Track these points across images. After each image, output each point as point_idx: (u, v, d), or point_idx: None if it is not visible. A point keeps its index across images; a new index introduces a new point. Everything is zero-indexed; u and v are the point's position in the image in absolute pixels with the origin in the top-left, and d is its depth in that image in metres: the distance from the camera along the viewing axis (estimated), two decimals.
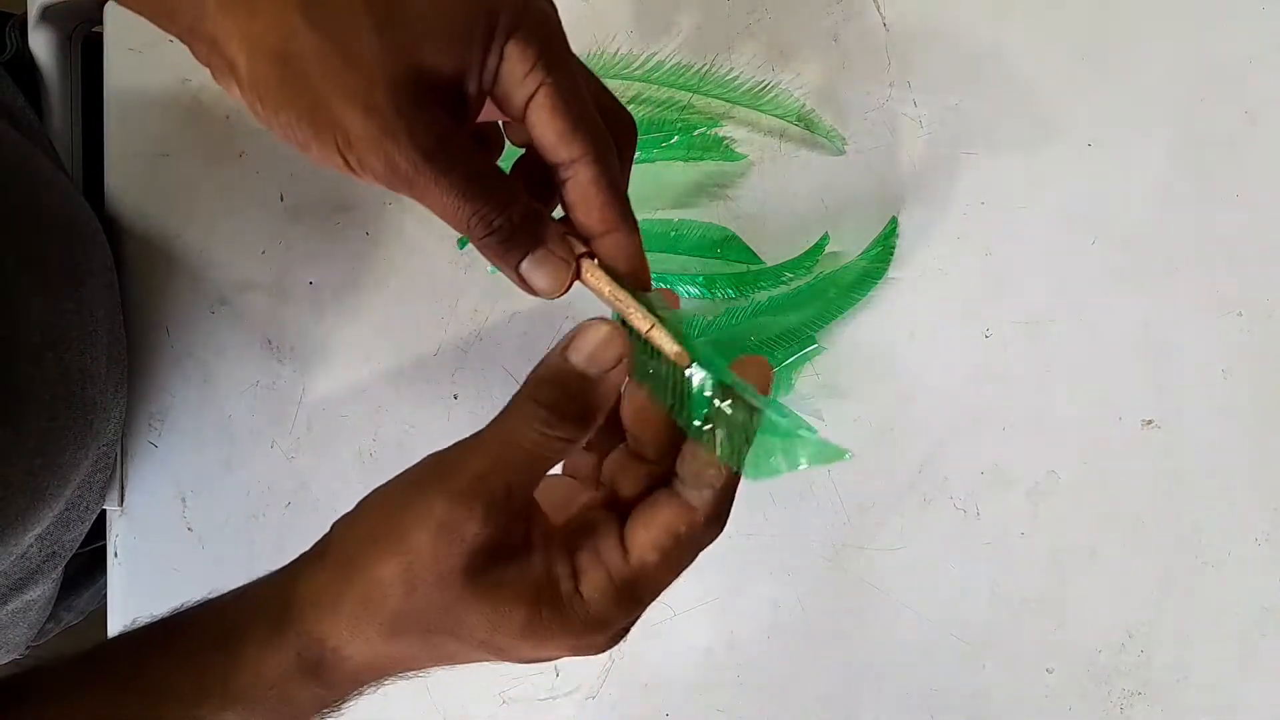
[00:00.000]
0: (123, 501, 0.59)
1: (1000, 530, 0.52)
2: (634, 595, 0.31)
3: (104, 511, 0.59)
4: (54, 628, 0.65)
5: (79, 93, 0.60)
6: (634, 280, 0.34)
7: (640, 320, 0.33)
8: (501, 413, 0.32)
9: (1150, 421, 0.51)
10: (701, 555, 0.33)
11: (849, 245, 0.52)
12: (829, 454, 0.30)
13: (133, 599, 0.59)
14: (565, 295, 0.34)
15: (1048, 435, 0.52)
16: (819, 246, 0.52)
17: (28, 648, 0.62)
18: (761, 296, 0.52)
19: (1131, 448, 0.51)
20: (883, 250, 0.51)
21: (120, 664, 0.33)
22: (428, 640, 0.31)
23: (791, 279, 0.52)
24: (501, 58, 0.31)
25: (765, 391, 0.31)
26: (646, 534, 0.31)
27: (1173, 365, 0.51)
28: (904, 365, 0.52)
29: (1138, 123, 0.51)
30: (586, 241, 0.34)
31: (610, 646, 0.32)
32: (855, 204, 0.53)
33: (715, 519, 0.31)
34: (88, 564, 0.63)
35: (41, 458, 0.48)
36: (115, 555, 0.59)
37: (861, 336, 0.52)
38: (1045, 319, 0.52)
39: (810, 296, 0.52)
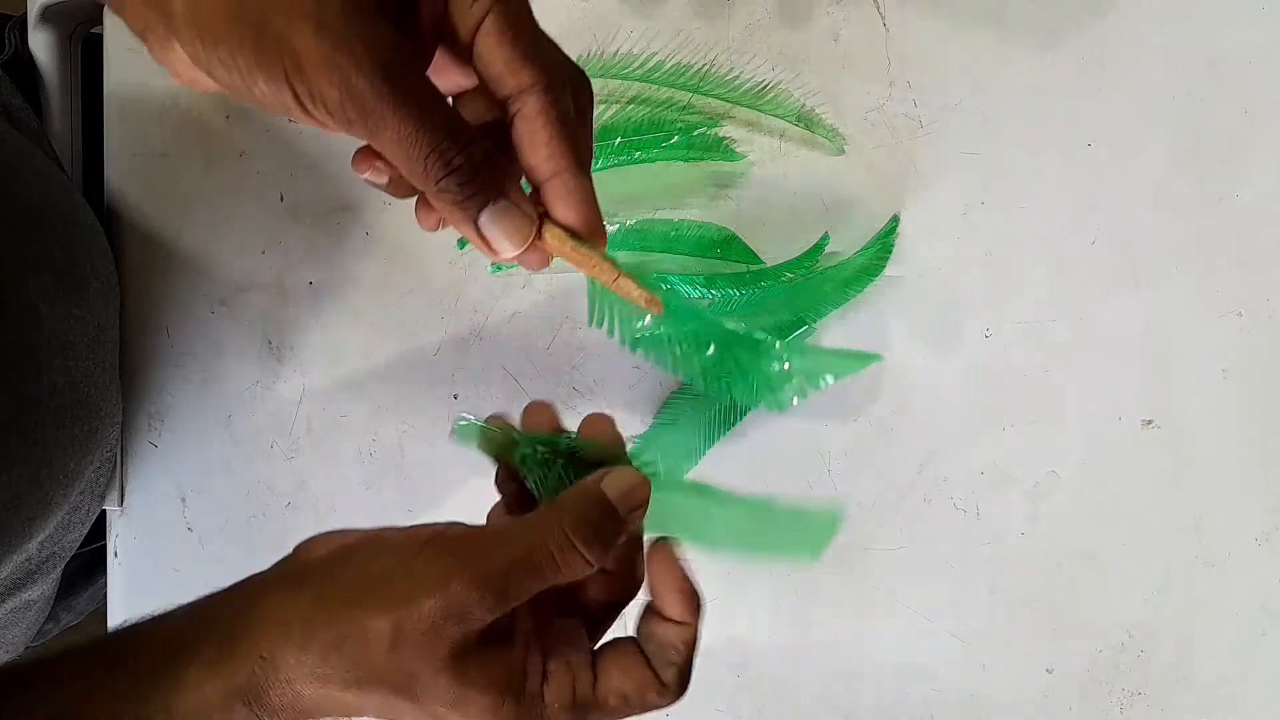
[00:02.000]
0: (123, 501, 0.59)
1: (1000, 530, 0.52)
2: (586, 718, 0.32)
3: (104, 511, 0.59)
4: (53, 628, 0.65)
5: (79, 93, 0.60)
6: (588, 232, 0.33)
7: (604, 273, 0.32)
8: (538, 514, 0.32)
9: (1150, 421, 0.51)
10: (701, 554, 0.36)
11: (849, 245, 0.52)
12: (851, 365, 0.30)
13: (133, 599, 0.59)
14: (565, 294, 0.33)
15: (1048, 435, 0.52)
16: (819, 246, 0.52)
17: (26, 648, 0.62)
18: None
19: (1131, 448, 0.51)
20: (881, 248, 0.51)
21: (69, 682, 0.31)
22: (386, 700, 0.30)
23: (791, 279, 0.52)
24: None
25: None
26: (619, 681, 0.33)
27: (1173, 365, 0.51)
28: (904, 365, 0.52)
29: (1138, 123, 0.51)
30: (537, 191, 0.32)
31: None
32: (855, 204, 0.53)
33: (677, 690, 0.34)
34: (87, 564, 0.63)
35: (48, 466, 0.47)
36: (115, 555, 0.59)
37: (861, 336, 0.52)
38: (1045, 319, 0.52)
39: (806, 291, 0.52)
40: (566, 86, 0.32)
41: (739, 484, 0.43)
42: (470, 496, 0.56)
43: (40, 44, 0.58)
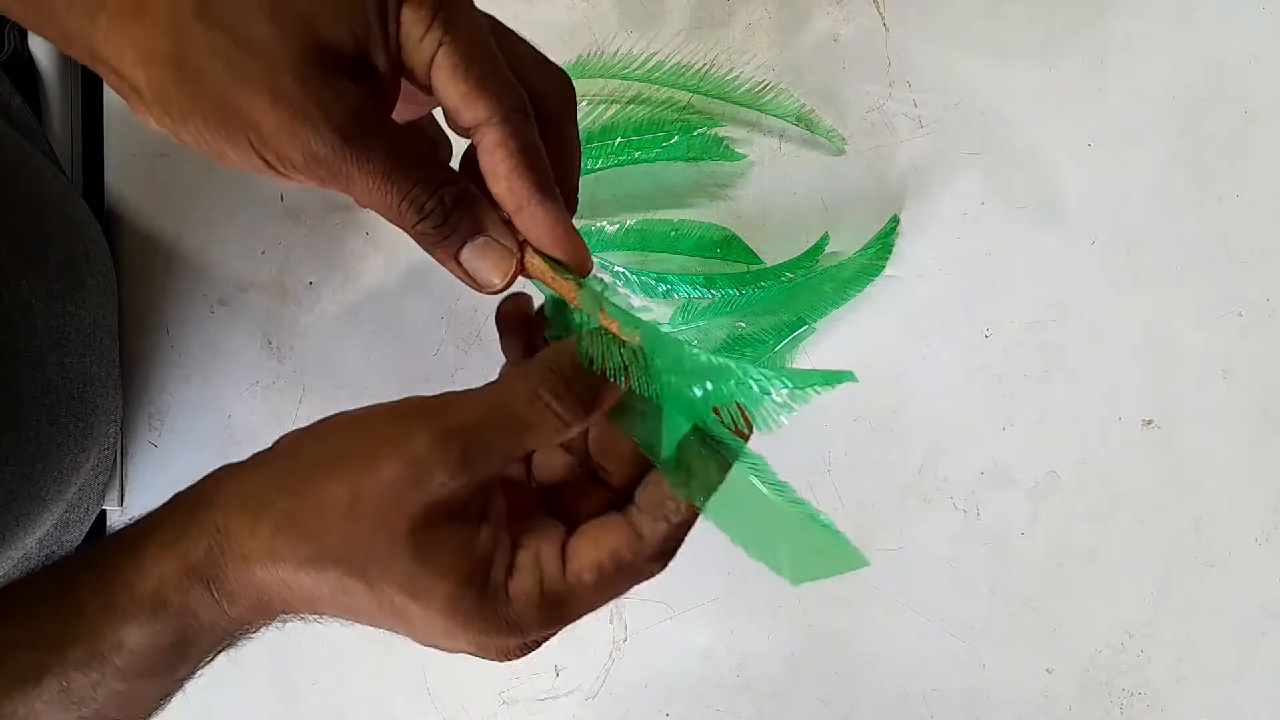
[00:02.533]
0: (123, 501, 0.59)
1: (1000, 530, 0.52)
2: (558, 610, 0.30)
3: (104, 511, 0.59)
4: None
5: (79, 93, 0.60)
6: (570, 261, 0.32)
7: (583, 303, 0.31)
8: (506, 374, 0.31)
9: (1150, 421, 0.51)
10: (702, 555, 0.32)
11: (849, 245, 0.52)
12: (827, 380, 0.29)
13: None
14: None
15: (1048, 435, 0.52)
16: (819, 246, 0.52)
17: None
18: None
19: (1131, 448, 0.51)
20: (881, 247, 0.52)
21: (46, 585, 0.31)
22: (341, 582, 0.28)
23: (791, 279, 0.52)
24: (399, 22, 0.30)
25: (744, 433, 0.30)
26: (590, 552, 0.30)
27: (1173, 365, 0.51)
28: (904, 365, 0.52)
29: (1138, 123, 0.51)
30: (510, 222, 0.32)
31: (517, 657, 0.30)
32: (855, 204, 0.53)
33: (662, 554, 0.31)
34: None
35: (42, 462, 0.47)
36: None
37: (861, 336, 0.53)
38: (1045, 319, 0.52)
39: (806, 291, 0.52)
40: (528, 114, 0.31)
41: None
42: None
43: (40, 44, 0.58)
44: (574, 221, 0.52)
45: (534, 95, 0.32)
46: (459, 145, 0.35)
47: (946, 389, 0.52)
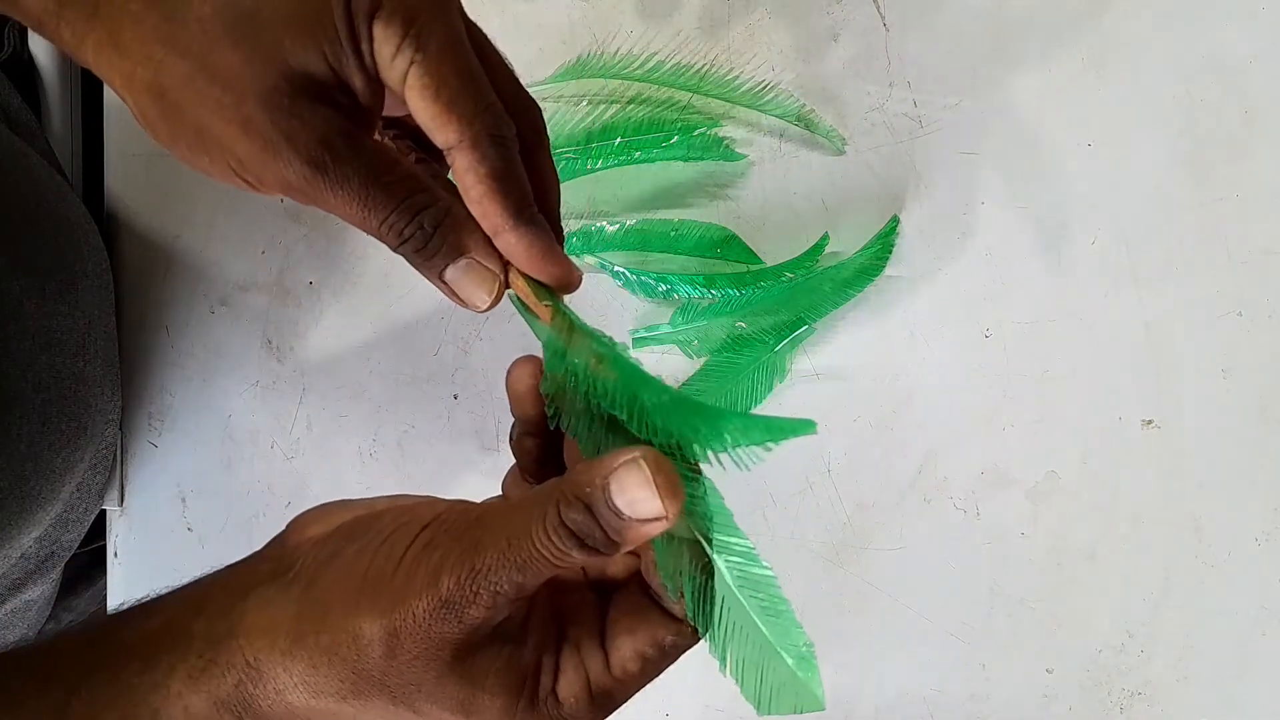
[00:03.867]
0: (123, 501, 0.59)
1: (1000, 530, 0.52)
2: (607, 702, 0.30)
3: (104, 511, 0.59)
4: (54, 628, 0.65)
5: (79, 93, 0.60)
6: (552, 283, 0.32)
7: (560, 329, 0.31)
8: (523, 503, 0.28)
9: (1150, 421, 0.51)
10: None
11: (849, 245, 0.52)
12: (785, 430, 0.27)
13: (132, 599, 0.59)
14: (566, 298, 0.33)
15: (1048, 435, 0.52)
16: (819, 246, 0.52)
17: None
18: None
19: (1131, 448, 0.51)
20: (881, 248, 0.51)
21: (53, 682, 0.29)
22: (388, 708, 0.28)
23: (791, 279, 0.52)
24: (372, 41, 0.29)
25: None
26: (630, 643, 0.29)
27: (1173, 365, 0.51)
28: (904, 365, 0.52)
29: (1138, 123, 0.51)
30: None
31: None
32: (855, 204, 0.53)
33: (698, 629, 0.30)
34: (87, 564, 0.63)
35: (33, 462, 0.47)
36: (115, 555, 0.59)
37: (861, 336, 0.52)
38: (1045, 319, 0.52)
39: (806, 291, 0.52)
40: (498, 137, 0.31)
41: (738, 484, 0.43)
42: (470, 496, 0.55)
43: (40, 44, 0.58)
44: (573, 222, 0.53)
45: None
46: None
47: (946, 389, 0.52)
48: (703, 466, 0.28)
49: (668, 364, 0.54)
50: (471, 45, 0.32)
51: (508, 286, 0.32)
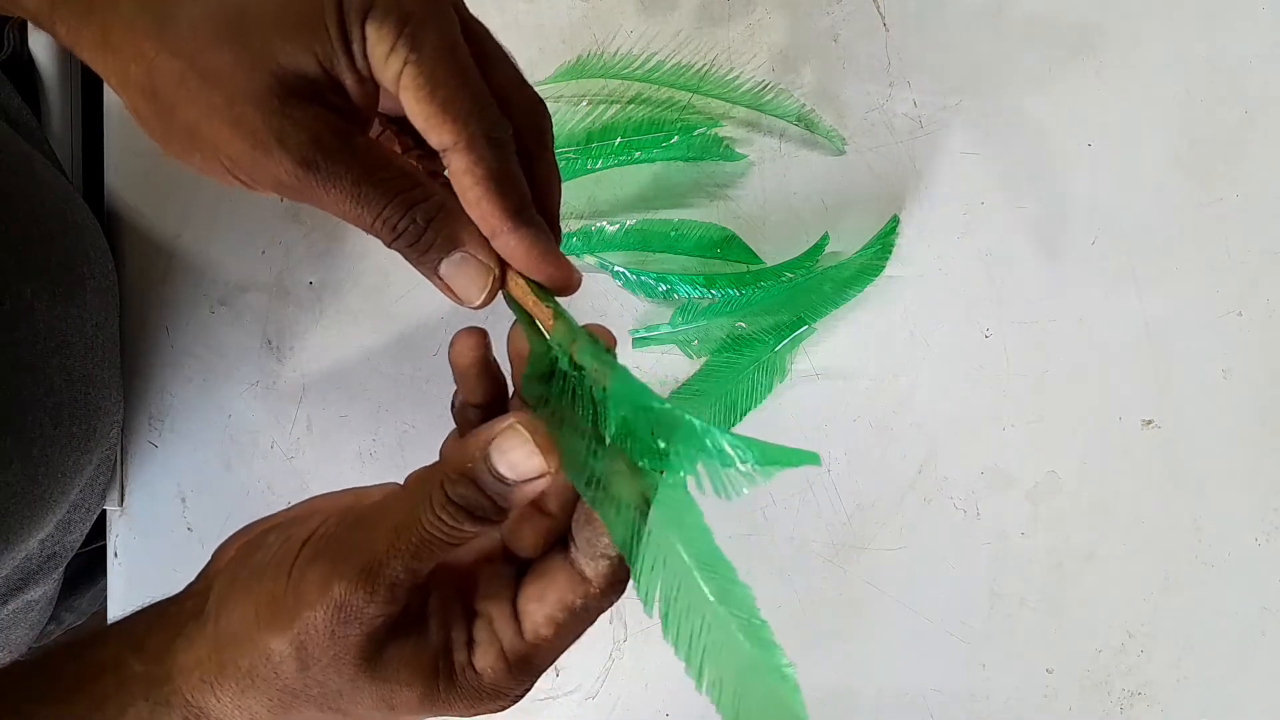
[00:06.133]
0: (123, 501, 0.59)
1: (1000, 530, 0.52)
2: (527, 668, 0.30)
3: (104, 511, 0.59)
4: (55, 629, 0.65)
5: (79, 93, 0.60)
6: (551, 285, 0.31)
7: (559, 333, 0.30)
8: (406, 490, 0.30)
9: (1150, 421, 0.51)
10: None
11: (849, 245, 0.52)
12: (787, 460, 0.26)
13: (133, 599, 0.59)
14: (566, 299, 0.33)
15: (1048, 435, 0.52)
16: (819, 246, 0.52)
17: (29, 649, 0.62)
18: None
19: (1131, 448, 0.51)
20: (881, 248, 0.51)
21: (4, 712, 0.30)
22: (318, 714, 0.29)
23: (791, 279, 0.52)
24: (364, 41, 0.29)
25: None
26: (540, 608, 0.30)
27: (1173, 365, 0.51)
28: (904, 365, 0.52)
29: (1138, 123, 0.51)
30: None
31: (506, 708, 0.31)
32: (855, 204, 0.53)
33: (612, 588, 0.30)
34: (88, 564, 0.63)
35: (45, 465, 0.47)
36: (115, 555, 0.59)
37: (862, 336, 0.53)
38: (1045, 319, 0.52)
39: (806, 291, 0.52)
40: (494, 139, 0.31)
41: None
42: None
43: (40, 44, 0.58)
44: (574, 222, 0.53)
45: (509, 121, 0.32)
46: None
47: (946, 389, 0.52)
48: (694, 489, 0.27)
49: (668, 364, 0.54)
50: (472, 41, 0.31)
51: (503, 285, 0.32)
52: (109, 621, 0.60)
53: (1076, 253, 0.51)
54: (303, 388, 0.57)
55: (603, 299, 0.54)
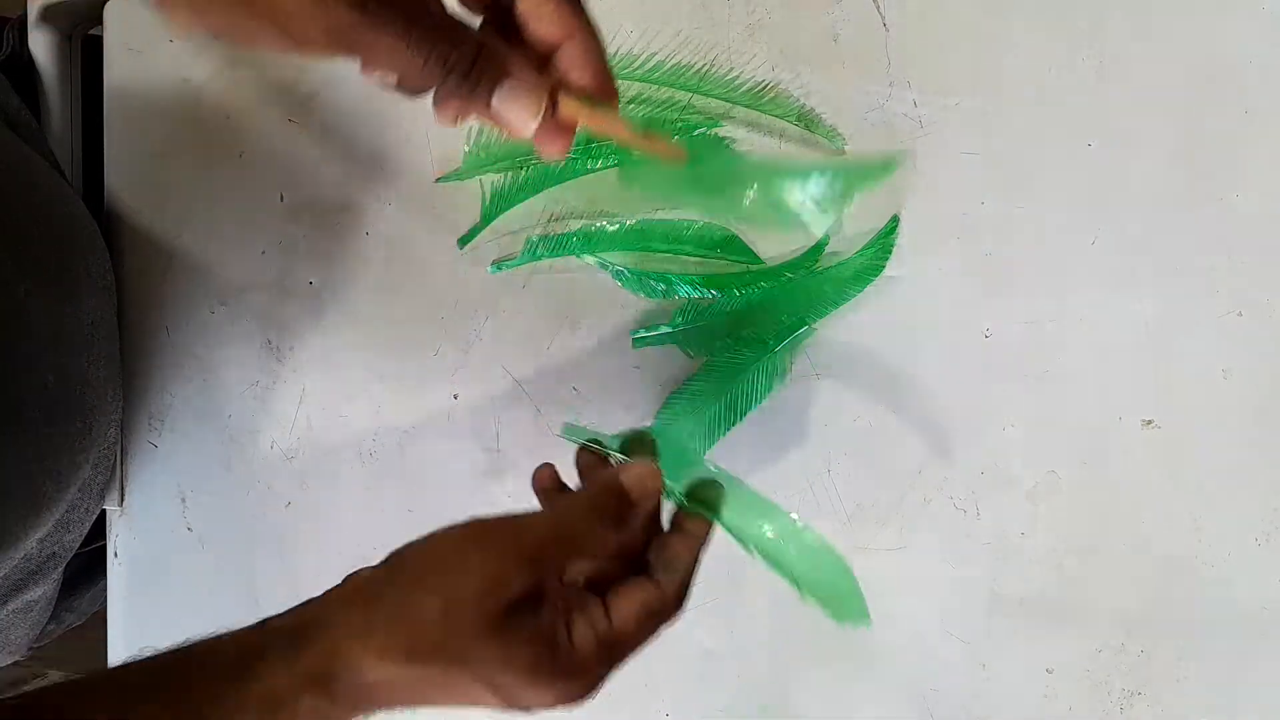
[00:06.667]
0: (123, 501, 0.59)
1: (1000, 530, 0.52)
2: (612, 650, 0.36)
3: (104, 511, 0.59)
4: (55, 628, 0.65)
5: (79, 93, 0.60)
6: (603, 93, 0.34)
7: (624, 132, 0.33)
8: (566, 500, 0.39)
9: (1150, 421, 0.51)
10: (703, 555, 0.40)
11: (849, 245, 0.52)
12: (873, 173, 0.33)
13: (133, 599, 0.59)
14: (565, 294, 0.34)
15: (1048, 435, 0.52)
16: (819, 246, 0.52)
17: (29, 649, 0.62)
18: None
19: (1131, 448, 0.51)
20: (881, 248, 0.51)
21: (132, 686, 0.33)
22: (444, 670, 0.33)
23: (791, 279, 0.52)
24: None
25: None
26: (627, 605, 0.37)
27: (1173, 365, 0.51)
28: (904, 365, 0.52)
29: (1138, 123, 0.51)
30: (546, 66, 0.34)
31: (587, 695, 0.36)
32: (855, 204, 0.52)
33: (677, 598, 0.38)
34: (88, 564, 0.63)
35: (40, 463, 0.47)
36: (115, 555, 0.59)
37: (862, 336, 0.52)
38: (1045, 319, 0.52)
39: (806, 291, 0.52)
40: None
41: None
42: (470, 496, 0.56)
43: (40, 44, 0.58)
44: (573, 222, 0.53)
45: None
46: None
47: (946, 389, 0.52)
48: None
49: (668, 365, 0.54)
50: None
51: (556, 109, 0.34)
52: (109, 622, 0.60)
53: (1076, 253, 0.51)
54: (303, 388, 0.57)
55: (603, 299, 0.54)
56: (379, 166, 0.55)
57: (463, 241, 0.55)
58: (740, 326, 0.52)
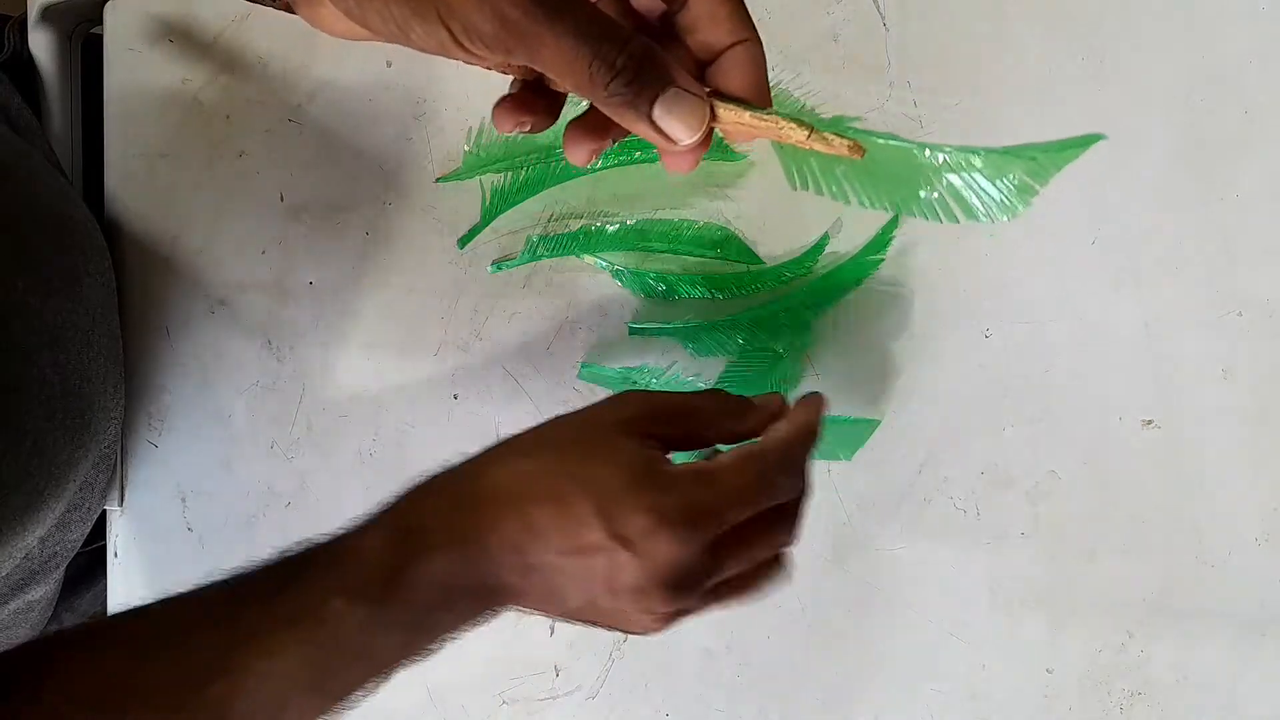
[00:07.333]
0: (123, 501, 0.59)
1: (1000, 530, 0.52)
2: (706, 481, 0.36)
3: (104, 511, 0.59)
4: (56, 629, 0.65)
5: (79, 93, 0.60)
6: (762, 98, 0.34)
7: (797, 131, 0.33)
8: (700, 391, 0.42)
9: (1150, 421, 0.51)
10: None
11: (849, 245, 0.52)
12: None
13: (133, 599, 0.59)
14: (565, 294, 0.34)
15: (1048, 435, 0.52)
16: (819, 246, 0.52)
17: None
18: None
19: (1131, 448, 0.51)
20: (880, 247, 0.51)
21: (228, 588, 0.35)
22: (559, 473, 0.35)
23: (791, 278, 0.52)
24: None
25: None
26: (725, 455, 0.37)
27: (1173, 365, 0.51)
28: (904, 365, 0.52)
29: (1138, 123, 0.51)
30: (703, 74, 0.34)
31: (674, 531, 0.34)
32: (855, 204, 0.52)
33: (784, 465, 0.37)
34: (88, 564, 0.63)
35: (38, 457, 0.48)
36: (115, 555, 0.59)
37: (862, 336, 0.52)
38: (1045, 319, 0.52)
39: (806, 290, 0.52)
40: None
41: None
42: None
43: (40, 44, 0.58)
44: (573, 222, 0.54)
45: None
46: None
47: (946, 389, 0.52)
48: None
49: (669, 365, 0.54)
50: None
51: (713, 117, 0.33)
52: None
53: (1076, 253, 0.51)
54: (303, 388, 0.57)
55: (603, 298, 0.54)
56: (379, 166, 0.55)
57: (463, 241, 0.55)
58: (739, 325, 0.52)
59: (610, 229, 0.53)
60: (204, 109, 0.57)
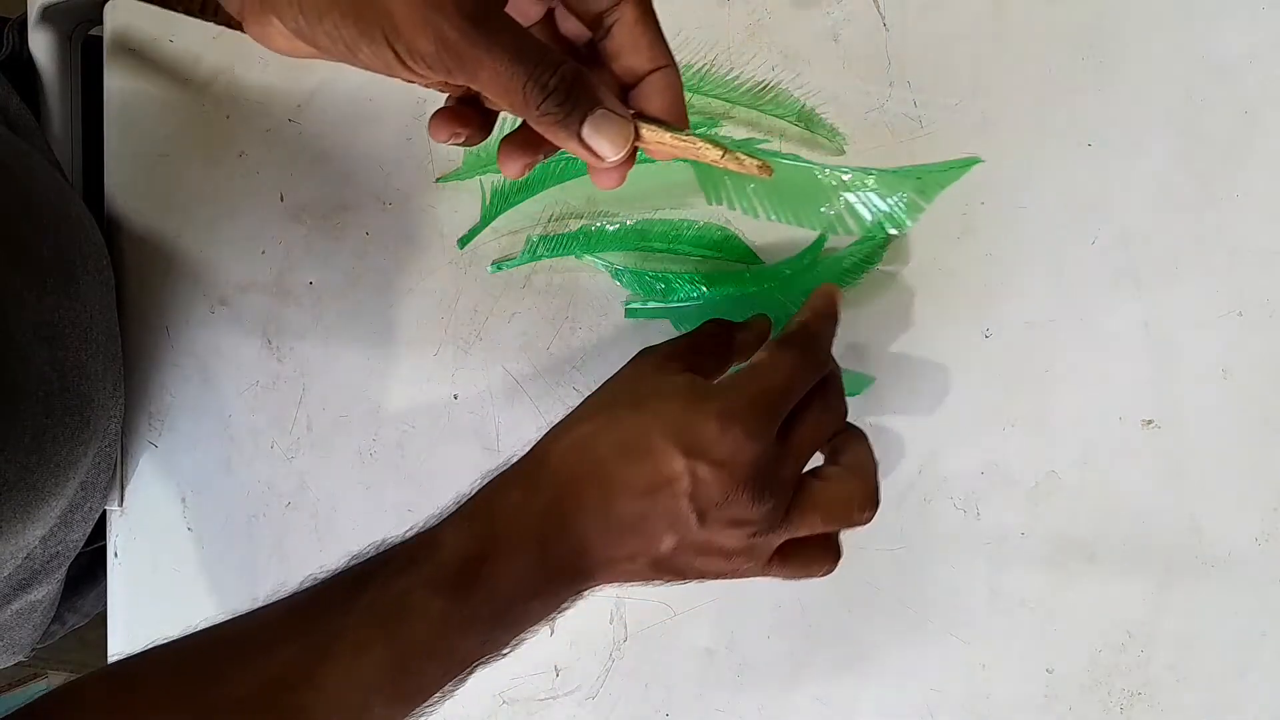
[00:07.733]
0: (123, 501, 0.59)
1: (1000, 530, 0.52)
2: (755, 377, 0.38)
3: (105, 512, 0.59)
4: (58, 629, 0.65)
5: (79, 93, 0.60)
6: (680, 120, 0.36)
7: (712, 152, 0.35)
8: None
9: (1150, 421, 0.51)
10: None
11: (848, 245, 0.52)
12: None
13: (133, 599, 0.59)
14: (565, 294, 0.34)
15: (1048, 435, 0.52)
16: (818, 244, 0.52)
17: (33, 650, 0.62)
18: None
19: (1131, 448, 0.51)
20: (879, 244, 0.51)
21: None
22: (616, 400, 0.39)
23: (790, 276, 0.52)
24: None
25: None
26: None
27: (1173, 365, 0.51)
28: (904, 365, 0.52)
29: (1138, 123, 0.51)
30: (627, 97, 0.36)
31: (774, 470, 0.38)
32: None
33: (806, 355, 0.41)
34: (89, 564, 0.63)
35: (37, 454, 0.48)
36: (115, 555, 0.59)
37: (861, 336, 0.52)
38: (1045, 319, 0.52)
39: (803, 283, 0.52)
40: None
41: None
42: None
43: (40, 44, 0.58)
44: (573, 222, 0.54)
45: None
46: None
47: (947, 389, 0.52)
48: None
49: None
50: None
51: (638, 136, 0.35)
52: (109, 622, 0.60)
53: (1076, 253, 0.51)
54: (303, 388, 0.57)
55: (603, 299, 0.54)
56: (379, 166, 0.56)
57: (463, 241, 0.55)
58: (736, 306, 0.52)
59: (610, 229, 0.53)
60: (204, 109, 0.57)
